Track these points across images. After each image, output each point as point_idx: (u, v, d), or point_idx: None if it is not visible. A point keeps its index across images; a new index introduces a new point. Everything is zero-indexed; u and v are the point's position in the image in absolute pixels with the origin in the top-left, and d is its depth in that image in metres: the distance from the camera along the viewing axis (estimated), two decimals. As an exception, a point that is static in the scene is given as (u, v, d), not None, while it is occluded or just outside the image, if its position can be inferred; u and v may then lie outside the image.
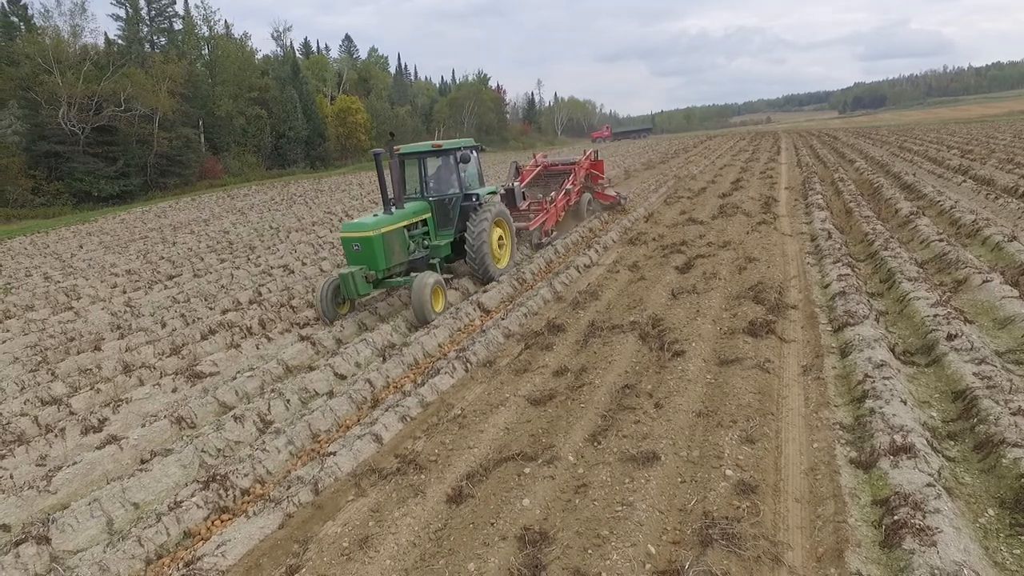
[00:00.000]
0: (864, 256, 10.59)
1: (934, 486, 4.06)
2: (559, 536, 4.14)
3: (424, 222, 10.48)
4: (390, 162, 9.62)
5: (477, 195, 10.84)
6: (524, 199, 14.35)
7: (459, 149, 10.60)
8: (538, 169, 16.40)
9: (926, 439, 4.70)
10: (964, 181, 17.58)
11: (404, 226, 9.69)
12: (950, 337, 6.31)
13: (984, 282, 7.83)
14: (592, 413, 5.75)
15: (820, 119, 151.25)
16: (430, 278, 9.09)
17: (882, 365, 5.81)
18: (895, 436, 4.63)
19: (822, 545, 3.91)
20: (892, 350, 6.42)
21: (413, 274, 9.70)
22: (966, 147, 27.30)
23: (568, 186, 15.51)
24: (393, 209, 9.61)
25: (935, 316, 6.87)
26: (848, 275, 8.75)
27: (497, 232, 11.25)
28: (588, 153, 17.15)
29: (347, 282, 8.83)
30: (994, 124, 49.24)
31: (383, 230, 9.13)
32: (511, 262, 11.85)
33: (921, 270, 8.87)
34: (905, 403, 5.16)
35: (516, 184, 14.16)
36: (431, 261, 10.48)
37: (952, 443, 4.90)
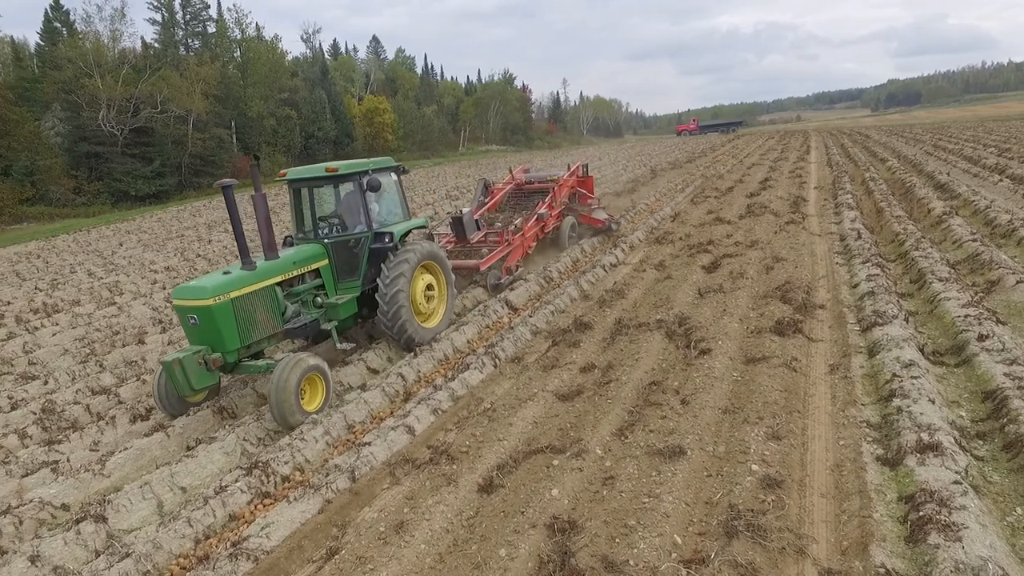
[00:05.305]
0: (894, 256, 10.50)
1: (961, 483, 4.10)
2: (587, 525, 4.28)
3: (317, 272, 7.78)
4: (252, 196, 7.10)
5: (391, 234, 8.08)
6: (478, 229, 11.32)
7: (366, 172, 8.00)
8: (508, 188, 13.50)
9: (954, 438, 4.73)
10: (1001, 180, 17.19)
11: (275, 283, 7.05)
12: (981, 337, 6.29)
13: (1018, 282, 7.74)
14: (619, 408, 5.88)
15: (852, 117, 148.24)
16: (298, 365, 6.34)
17: (910, 364, 5.83)
18: (922, 434, 4.67)
19: (847, 539, 3.99)
20: (921, 350, 6.41)
21: (279, 356, 7.02)
22: (1004, 145, 26.59)
23: (542, 210, 12.29)
24: (258, 261, 7.06)
25: (966, 316, 6.84)
26: (877, 275, 8.70)
27: (424, 280, 8.46)
28: (574, 167, 14.22)
29: (173, 374, 6.17)
30: (1035, 121, 47.75)
31: (232, 295, 6.45)
32: (447, 318, 8.94)
33: (953, 270, 8.79)
34: (933, 402, 5.18)
35: (467, 211, 11.27)
36: (325, 327, 7.63)
37: (981, 442, 4.92)
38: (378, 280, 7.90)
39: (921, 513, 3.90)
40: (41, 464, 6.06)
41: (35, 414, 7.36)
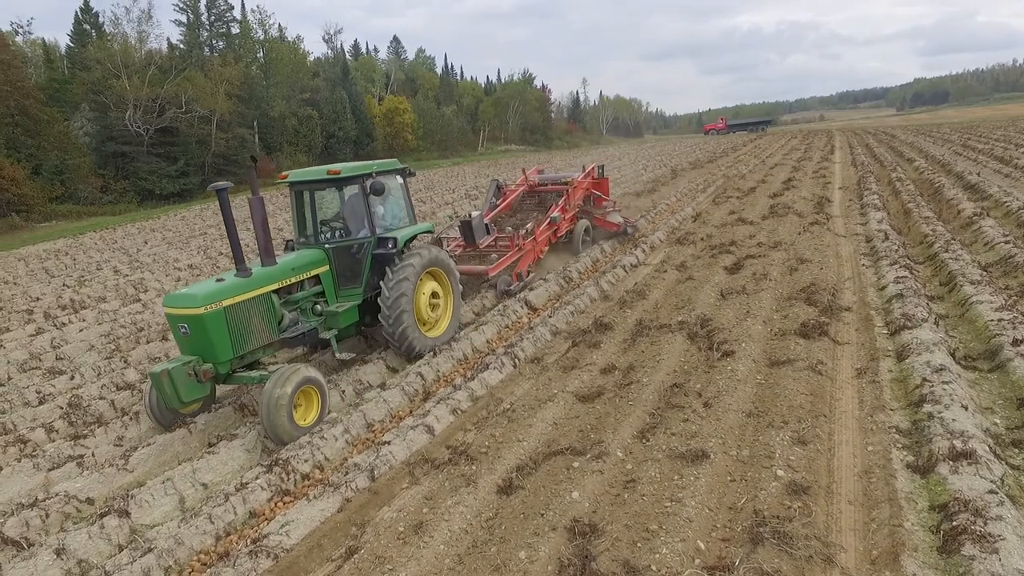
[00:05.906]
0: (923, 258, 10.26)
1: (996, 493, 3.97)
2: (608, 529, 4.22)
3: (317, 279, 7.48)
4: (249, 199, 6.79)
5: (395, 239, 7.76)
6: (489, 233, 10.93)
7: (369, 175, 7.65)
8: (521, 190, 13.15)
9: (988, 445, 4.59)
10: (1034, 181, 16.74)
11: (271, 291, 6.77)
12: (1016, 342, 6.10)
13: (1054, 286, 7.50)
14: (640, 411, 5.80)
15: (877, 117, 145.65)
16: (292, 377, 6.07)
17: (941, 369, 5.67)
18: (955, 441, 4.53)
19: (877, 548, 3.88)
20: (952, 354, 6.24)
21: (273, 367, 6.64)
22: (1037, 145, 25.89)
23: (554, 214, 11.93)
24: (254, 268, 6.77)
25: (1000, 320, 6.65)
26: (906, 277, 8.50)
27: (429, 287, 8.19)
28: (589, 169, 13.79)
29: (161, 386, 5.86)
30: (1069, 120, 46.42)
31: (225, 303, 6.16)
32: (453, 327, 8.61)
33: (985, 273, 8.55)
34: (966, 408, 5.03)
35: (476, 215, 10.93)
36: (324, 335, 7.35)
37: (1016, 451, 4.77)
38: (381, 287, 7.59)
39: (955, 523, 3.78)
40: (67, 458, 6.14)
41: (61, 409, 7.49)
